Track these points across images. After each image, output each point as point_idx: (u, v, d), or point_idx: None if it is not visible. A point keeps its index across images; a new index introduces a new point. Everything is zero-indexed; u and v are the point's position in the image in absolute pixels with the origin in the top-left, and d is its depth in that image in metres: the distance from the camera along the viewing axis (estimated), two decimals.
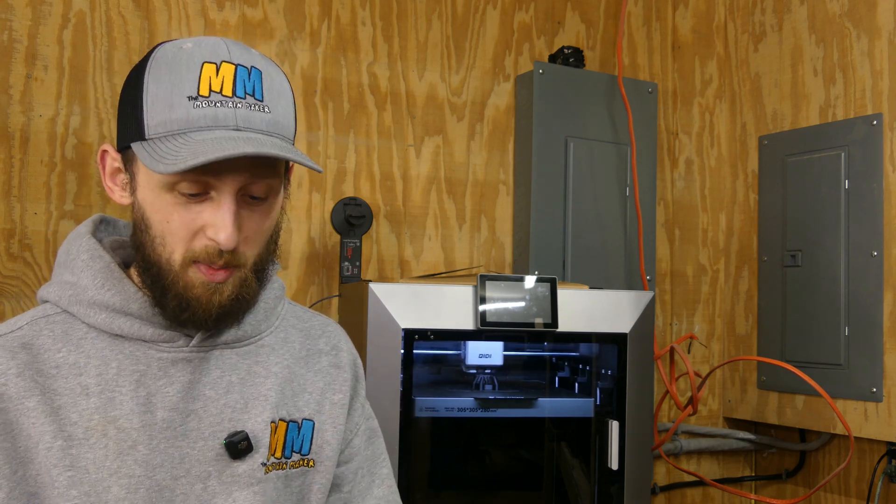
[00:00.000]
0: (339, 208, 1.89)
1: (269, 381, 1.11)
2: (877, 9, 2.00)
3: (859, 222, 2.01)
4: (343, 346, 1.23)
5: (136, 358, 1.03)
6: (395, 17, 2.09)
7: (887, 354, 1.93)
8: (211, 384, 1.06)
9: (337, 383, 1.19)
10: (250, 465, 1.06)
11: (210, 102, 0.98)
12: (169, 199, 0.99)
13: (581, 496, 1.87)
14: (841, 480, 2.15)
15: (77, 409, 0.99)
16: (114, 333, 1.03)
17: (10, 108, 1.72)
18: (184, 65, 0.99)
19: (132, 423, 1.00)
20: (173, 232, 0.99)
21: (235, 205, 0.99)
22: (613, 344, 1.81)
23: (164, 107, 0.98)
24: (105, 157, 1.07)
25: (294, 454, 1.11)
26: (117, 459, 0.99)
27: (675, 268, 2.39)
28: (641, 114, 2.24)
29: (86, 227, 1.10)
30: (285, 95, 1.06)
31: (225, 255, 1.00)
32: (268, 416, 1.09)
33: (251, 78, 1.01)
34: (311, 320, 1.23)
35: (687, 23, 2.44)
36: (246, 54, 1.03)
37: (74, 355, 1.01)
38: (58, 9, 1.77)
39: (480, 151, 2.16)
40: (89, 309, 1.03)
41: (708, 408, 2.39)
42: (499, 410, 1.79)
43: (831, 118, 2.10)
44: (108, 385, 1.01)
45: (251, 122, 0.99)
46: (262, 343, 1.13)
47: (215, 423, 1.05)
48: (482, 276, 1.70)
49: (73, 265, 1.06)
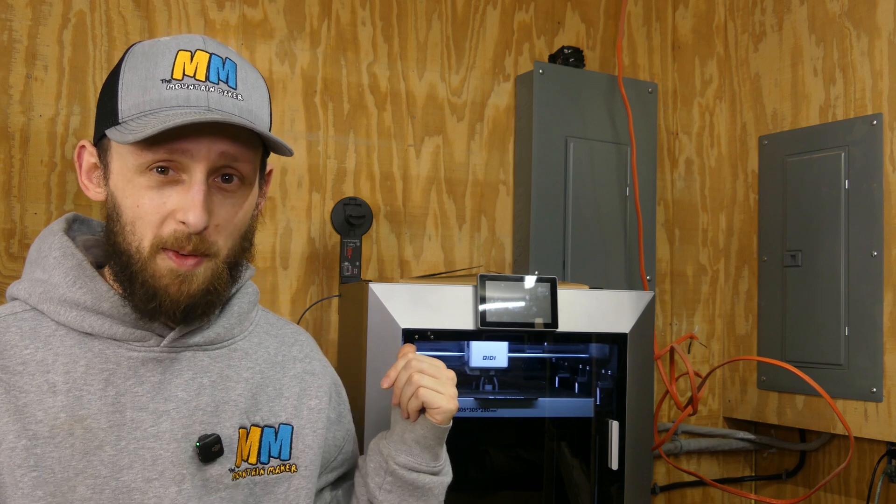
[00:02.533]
0: (339, 208, 1.89)
1: (239, 385, 1.09)
2: (877, 9, 2.00)
3: (859, 222, 2.01)
4: (315, 356, 1.23)
5: (106, 356, 1.01)
6: (395, 17, 2.09)
7: (887, 354, 1.93)
8: (182, 385, 1.04)
9: (312, 389, 1.18)
10: (219, 470, 1.04)
11: (183, 85, 0.98)
12: (141, 183, 0.98)
13: (581, 496, 1.87)
14: (841, 480, 2.15)
15: (43, 406, 0.97)
16: (84, 332, 1.01)
17: (10, 108, 1.72)
18: (159, 53, 1.00)
19: (99, 422, 0.98)
20: (143, 217, 0.98)
21: (206, 186, 0.98)
22: (613, 344, 1.81)
23: (138, 90, 0.98)
24: (82, 152, 1.06)
25: (273, 459, 1.10)
26: (83, 459, 0.97)
27: (675, 268, 2.39)
28: (641, 114, 2.24)
29: (58, 224, 1.09)
30: (259, 90, 1.06)
31: (193, 240, 0.98)
32: (237, 421, 1.07)
33: (225, 67, 1.01)
34: (284, 328, 1.22)
35: (687, 23, 2.44)
36: (222, 48, 1.03)
37: (42, 352, 0.99)
38: (58, 9, 1.77)
39: (480, 151, 2.17)
40: (59, 306, 1.01)
41: (708, 408, 2.39)
42: (499, 410, 1.79)
43: (831, 118, 2.10)
44: (76, 383, 0.99)
45: (223, 105, 0.99)
46: (234, 347, 1.11)
47: (187, 424, 1.03)
48: (482, 276, 1.70)
49: (45, 262, 1.05)
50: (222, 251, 1.02)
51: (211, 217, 0.99)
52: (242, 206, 1.04)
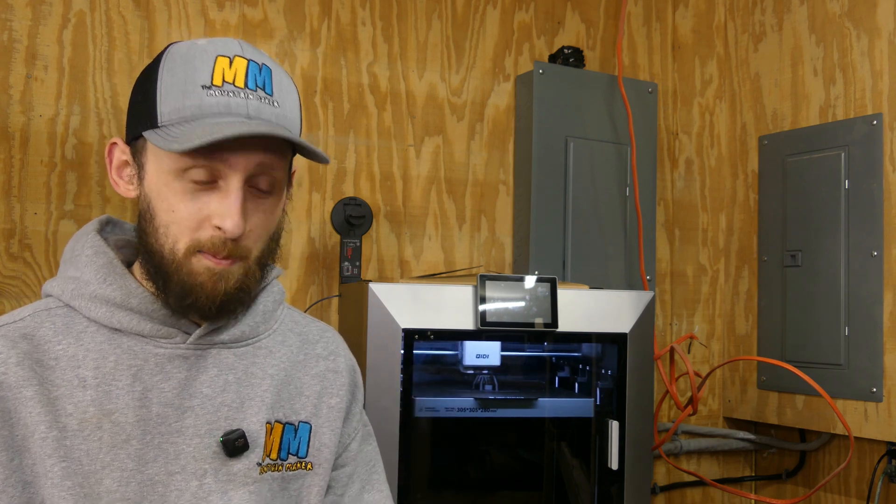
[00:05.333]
0: (339, 208, 1.89)
1: (265, 382, 1.11)
2: (877, 9, 2.00)
3: (859, 222, 2.01)
4: (340, 353, 1.24)
5: (134, 353, 1.03)
6: (395, 17, 2.09)
7: (887, 354, 1.93)
8: (208, 382, 1.06)
9: (334, 388, 1.19)
10: (246, 464, 1.06)
11: (223, 92, 1.00)
12: (177, 188, 1.00)
13: (581, 496, 1.87)
14: (841, 480, 2.15)
15: (73, 400, 1.00)
16: (113, 328, 1.04)
17: (10, 108, 1.72)
18: (198, 57, 1.02)
19: (127, 417, 1.01)
20: (178, 221, 1.01)
21: (242, 193, 1.01)
22: (613, 344, 1.81)
23: (178, 94, 1.00)
24: (113, 149, 1.08)
25: (291, 456, 1.12)
26: (110, 452, 1.00)
27: (675, 268, 2.39)
28: (641, 114, 2.24)
29: (92, 225, 1.12)
30: (292, 95, 1.08)
31: (229, 245, 1.01)
32: (263, 416, 1.09)
33: (262, 73, 1.04)
34: (309, 325, 1.23)
35: (687, 23, 2.44)
36: (257, 53, 1.06)
37: (73, 348, 1.02)
38: (58, 9, 1.77)
39: (480, 151, 2.17)
40: (90, 303, 1.04)
41: (708, 408, 2.39)
42: (499, 410, 1.79)
43: (831, 118, 2.10)
44: (105, 378, 1.01)
45: (262, 113, 1.02)
46: (259, 345, 1.13)
47: (211, 420, 1.05)
48: (482, 276, 1.70)
49: (77, 261, 1.08)
50: (253, 253, 1.05)
51: (246, 224, 1.02)
52: (274, 212, 1.07)
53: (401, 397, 1.63)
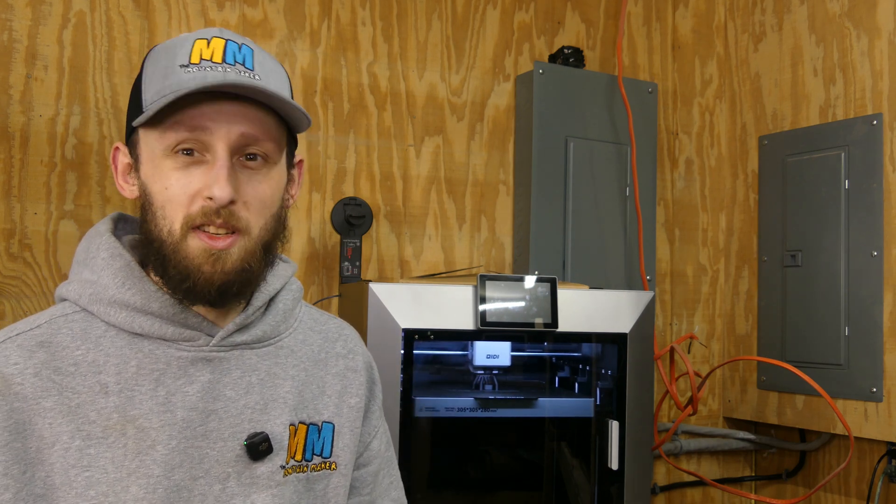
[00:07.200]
0: (339, 208, 1.89)
1: (287, 383, 1.10)
2: (877, 9, 2.00)
3: (859, 222, 2.01)
4: (358, 351, 1.23)
5: (156, 357, 1.02)
6: (395, 17, 2.09)
7: (887, 354, 1.93)
8: (231, 384, 1.05)
9: (353, 387, 1.19)
10: (269, 467, 1.05)
11: (200, 67, 1.00)
12: (168, 165, 1.00)
13: (581, 496, 1.87)
14: (841, 480, 2.15)
15: (95, 407, 0.98)
16: (134, 332, 1.02)
17: (10, 108, 1.72)
18: (178, 45, 1.03)
19: (151, 422, 0.99)
20: (172, 199, 1.00)
21: (229, 162, 1.00)
22: (613, 344, 1.81)
23: (159, 78, 1.01)
24: (117, 154, 1.08)
25: (315, 457, 1.11)
26: (136, 459, 0.98)
27: (675, 268, 2.39)
28: (641, 114, 2.24)
29: (104, 225, 1.10)
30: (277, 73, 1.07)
31: (223, 213, 0.99)
32: (287, 418, 1.08)
33: (241, 51, 1.03)
34: (328, 323, 1.22)
35: (687, 23, 2.44)
36: (238, 37, 1.05)
37: (93, 353, 1.00)
38: (58, 9, 1.77)
39: (480, 151, 2.17)
40: (109, 307, 1.02)
41: (708, 408, 2.39)
42: (499, 410, 1.79)
43: (831, 118, 2.10)
44: (128, 384, 1.00)
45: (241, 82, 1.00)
46: (280, 345, 1.12)
47: (235, 423, 1.04)
48: (482, 276, 1.70)
49: (93, 263, 1.06)
50: (254, 228, 1.03)
51: (238, 194, 1.00)
52: (269, 183, 1.04)
53: (401, 397, 1.63)
